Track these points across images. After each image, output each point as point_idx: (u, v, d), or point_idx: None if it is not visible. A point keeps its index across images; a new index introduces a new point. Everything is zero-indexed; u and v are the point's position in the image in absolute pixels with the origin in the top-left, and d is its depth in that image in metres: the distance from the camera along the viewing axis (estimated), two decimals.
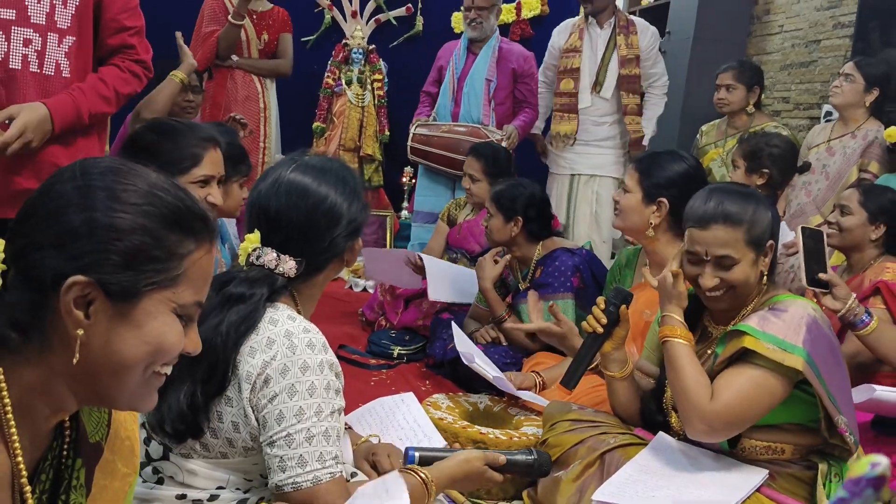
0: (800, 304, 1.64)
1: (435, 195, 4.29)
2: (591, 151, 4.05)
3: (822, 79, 4.51)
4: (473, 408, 2.21)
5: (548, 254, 2.83)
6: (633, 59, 3.94)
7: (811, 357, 1.55)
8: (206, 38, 3.93)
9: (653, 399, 1.85)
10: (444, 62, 4.35)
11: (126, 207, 0.82)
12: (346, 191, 1.39)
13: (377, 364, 3.02)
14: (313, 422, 1.21)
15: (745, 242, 1.65)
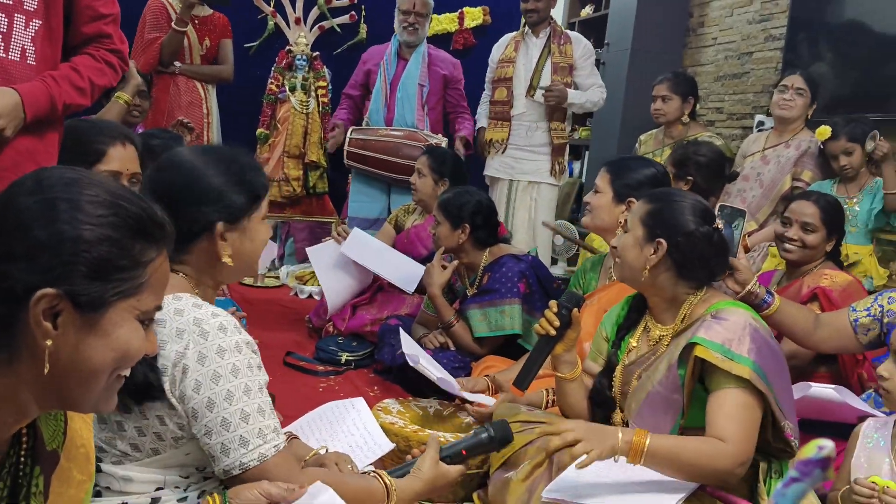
0: (740, 312, 1.69)
1: (370, 200, 4.32)
2: (527, 157, 4.12)
3: (755, 90, 4.68)
4: (424, 412, 2.23)
5: (495, 260, 2.87)
6: (566, 67, 4.03)
7: (758, 366, 1.60)
8: (148, 45, 3.90)
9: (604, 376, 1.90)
10: (371, 66, 4.38)
11: (91, 219, 0.82)
12: (226, 171, 1.37)
13: (325, 370, 3.01)
14: (245, 401, 1.22)
15: (644, 224, 1.79)
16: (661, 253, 1.75)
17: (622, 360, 1.88)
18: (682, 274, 1.77)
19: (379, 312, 3.29)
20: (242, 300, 3.89)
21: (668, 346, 1.77)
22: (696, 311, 1.76)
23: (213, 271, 1.37)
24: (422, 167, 3.45)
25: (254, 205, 1.38)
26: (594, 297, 2.40)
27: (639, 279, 1.80)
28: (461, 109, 4.41)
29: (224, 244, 1.34)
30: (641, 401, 1.78)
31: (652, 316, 1.86)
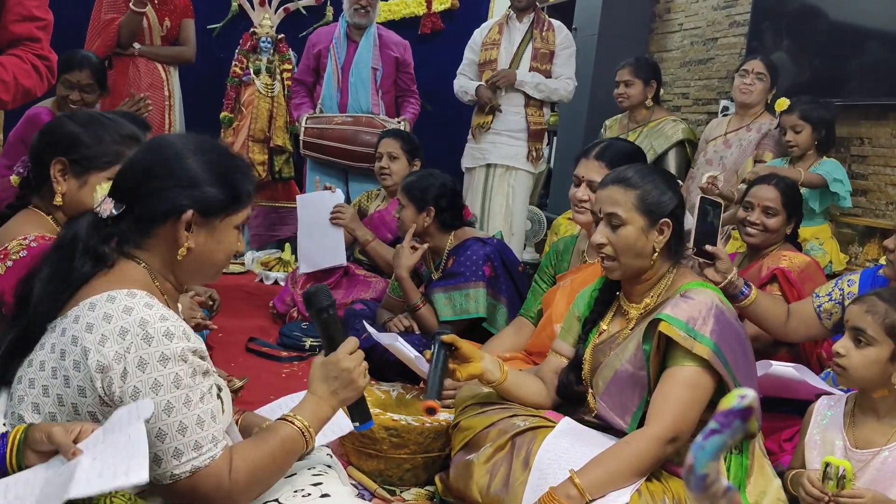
0: (708, 293, 1.71)
1: None
2: (504, 141, 4.11)
3: (719, 75, 4.71)
4: (386, 396, 2.22)
5: (460, 243, 2.86)
6: (547, 54, 4.03)
7: (719, 347, 1.62)
8: (106, 26, 3.80)
9: (571, 371, 1.90)
10: (321, 49, 4.32)
11: None
12: (211, 162, 1.31)
13: (288, 356, 2.99)
14: (184, 413, 1.18)
15: (636, 207, 1.75)
16: (667, 234, 1.77)
17: (593, 340, 1.88)
18: (673, 251, 1.80)
19: (344, 297, 3.27)
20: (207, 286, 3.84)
21: (639, 324, 1.79)
22: (670, 290, 1.78)
23: (173, 265, 1.31)
24: (394, 150, 3.43)
25: (232, 206, 1.32)
26: (566, 279, 2.41)
27: (643, 266, 1.79)
28: (409, 94, 4.40)
29: (187, 235, 1.28)
30: (609, 378, 1.79)
31: (626, 297, 1.87)
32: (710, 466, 0.55)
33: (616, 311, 1.89)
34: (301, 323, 3.25)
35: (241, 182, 1.33)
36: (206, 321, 2.44)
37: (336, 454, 1.91)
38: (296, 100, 4.44)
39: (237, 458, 1.23)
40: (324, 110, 4.29)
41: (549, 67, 4.05)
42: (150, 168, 1.28)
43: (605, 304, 1.92)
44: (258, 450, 1.26)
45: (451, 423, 1.94)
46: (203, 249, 1.31)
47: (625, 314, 1.86)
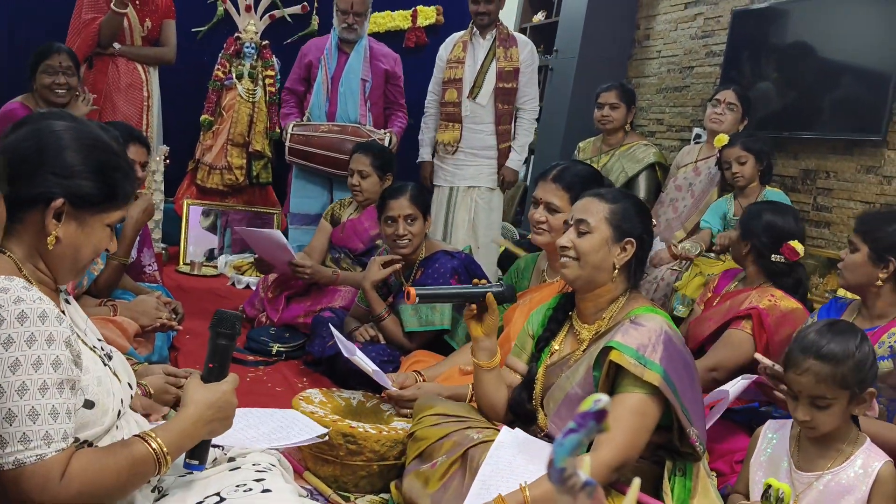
0: (657, 319, 1.74)
1: (311, 197, 4.32)
2: (469, 162, 4.16)
3: (694, 103, 4.81)
4: (346, 403, 2.24)
5: (429, 256, 2.90)
6: (512, 71, 4.08)
7: (667, 374, 1.65)
8: (86, 26, 3.80)
9: (524, 389, 1.93)
10: (312, 59, 4.37)
11: None
12: (91, 155, 1.27)
13: (255, 360, 3.00)
14: (14, 401, 1.12)
15: (605, 219, 1.81)
16: (630, 252, 1.81)
17: (545, 361, 1.92)
18: (632, 274, 1.84)
19: (313, 305, 3.29)
20: (178, 288, 3.85)
21: (590, 347, 1.82)
22: (621, 314, 1.81)
23: (40, 255, 1.27)
24: (364, 168, 3.44)
25: (106, 203, 1.29)
26: (526, 297, 2.44)
27: (600, 279, 1.82)
28: (397, 107, 4.46)
29: (55, 224, 1.24)
30: (559, 401, 1.82)
31: (578, 317, 1.91)
32: (568, 462, 0.60)
33: (568, 330, 1.93)
34: (269, 328, 3.26)
35: (121, 182, 1.30)
36: (172, 322, 2.45)
37: (292, 458, 1.94)
38: (284, 109, 4.47)
39: (76, 464, 1.16)
40: (311, 119, 4.32)
41: (514, 85, 4.10)
42: (28, 152, 1.24)
43: (559, 323, 1.96)
44: (102, 463, 1.19)
45: (407, 433, 1.97)
46: (71, 241, 1.27)
47: (577, 335, 1.88)
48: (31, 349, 1.14)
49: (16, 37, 4.56)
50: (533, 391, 1.91)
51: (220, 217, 4.81)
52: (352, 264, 3.50)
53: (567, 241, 1.84)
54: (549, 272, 2.50)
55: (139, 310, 2.34)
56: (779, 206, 2.72)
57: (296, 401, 2.13)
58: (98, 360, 1.30)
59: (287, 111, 4.45)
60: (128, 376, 1.39)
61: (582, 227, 1.83)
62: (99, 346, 1.36)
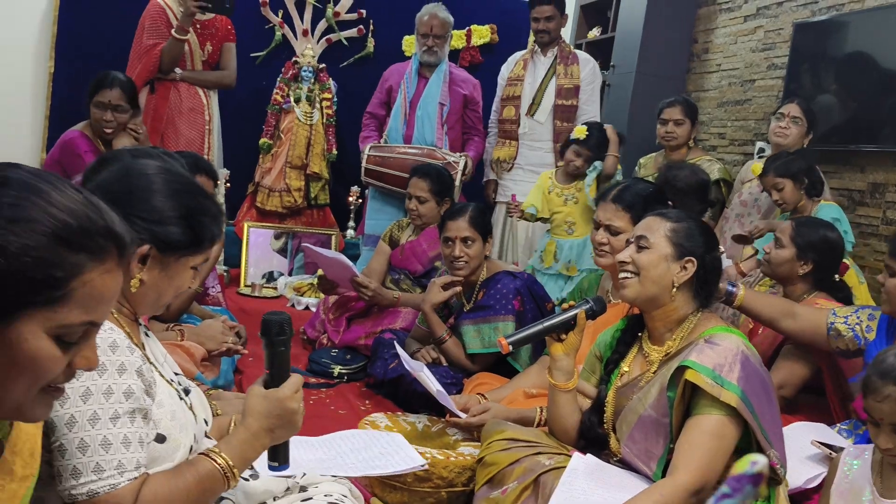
0: (733, 338, 1.70)
1: (386, 218, 4.32)
2: (527, 179, 4.13)
3: (756, 116, 4.70)
4: (412, 427, 2.22)
5: (490, 276, 2.88)
6: (572, 88, 4.05)
7: (745, 395, 1.61)
8: (147, 51, 3.86)
9: (594, 413, 1.89)
10: (392, 83, 4.41)
11: (17, 227, 0.77)
12: (180, 201, 1.28)
13: (317, 383, 3.00)
14: (87, 430, 1.12)
15: (665, 237, 1.79)
16: (690, 271, 1.78)
17: (614, 383, 1.88)
18: (697, 293, 1.80)
19: (373, 326, 3.29)
20: (240, 311, 3.89)
21: (661, 368, 1.78)
22: (693, 334, 1.77)
23: (125, 293, 1.27)
24: (421, 193, 3.43)
25: (192, 248, 1.29)
26: None
27: (661, 296, 1.79)
28: (475, 132, 4.44)
29: (140, 267, 1.25)
30: (633, 424, 1.78)
31: (648, 338, 1.87)
32: None
33: (638, 352, 1.89)
34: (330, 350, 3.27)
35: (207, 227, 1.31)
36: (238, 346, 2.47)
37: (360, 484, 1.92)
38: (364, 132, 4.50)
39: (147, 490, 1.17)
40: (389, 141, 4.35)
41: (574, 102, 4.07)
42: (118, 194, 1.23)
43: (627, 345, 1.92)
44: (172, 485, 1.19)
45: (476, 458, 1.94)
46: (154, 284, 1.27)
47: (646, 356, 1.84)
48: (102, 378, 1.14)
49: (80, 61, 4.71)
50: (604, 415, 1.87)
51: (291, 241, 4.86)
52: (412, 286, 3.49)
53: (626, 256, 1.83)
54: (613, 293, 2.45)
55: (206, 335, 2.36)
56: (824, 221, 2.67)
57: (361, 425, 2.12)
58: (174, 393, 1.30)
59: (366, 134, 4.48)
60: (204, 412, 1.38)
61: (642, 242, 1.81)
62: (176, 380, 1.36)
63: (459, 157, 4.18)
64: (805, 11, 4.41)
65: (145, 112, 3.92)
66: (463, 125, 4.43)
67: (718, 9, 5.15)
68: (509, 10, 5.60)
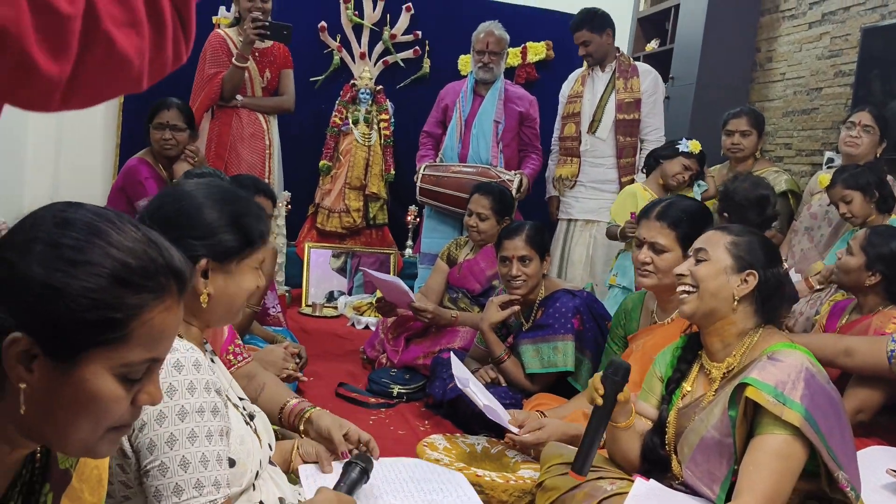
0: (797, 355, 1.63)
1: (442, 237, 4.32)
2: (588, 195, 4.08)
3: (824, 125, 4.55)
4: (471, 449, 2.20)
5: (549, 295, 2.84)
6: (633, 102, 3.98)
7: (810, 413, 1.54)
8: (209, 80, 3.96)
9: (655, 434, 1.84)
10: (448, 102, 4.43)
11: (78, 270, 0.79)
12: (223, 209, 1.33)
13: (376, 403, 3.01)
14: (188, 448, 1.15)
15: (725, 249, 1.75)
16: (751, 285, 1.73)
17: (676, 403, 1.82)
18: (759, 309, 1.75)
19: (432, 345, 3.28)
20: (301, 330, 3.94)
21: (723, 387, 1.72)
22: (755, 351, 1.71)
23: (195, 309, 1.32)
24: (483, 210, 3.43)
25: (246, 249, 1.35)
26: (637, 342, 2.35)
27: (720, 310, 1.74)
28: (532, 148, 4.40)
29: (204, 282, 1.30)
30: (694, 445, 1.72)
31: (708, 355, 1.81)
32: None
33: (699, 371, 1.83)
34: (390, 370, 3.27)
35: (254, 225, 1.37)
36: (298, 373, 2.49)
37: None
38: (421, 151, 4.53)
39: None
40: (444, 160, 4.37)
41: (636, 116, 3.99)
42: (166, 219, 1.29)
43: (688, 363, 1.86)
44: None
45: (535, 482, 1.90)
46: (223, 293, 1.33)
47: (707, 374, 1.79)
48: (194, 397, 1.18)
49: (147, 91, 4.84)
50: (665, 436, 1.81)
51: (350, 261, 4.91)
52: (469, 304, 3.48)
53: (685, 269, 1.79)
54: (658, 313, 2.38)
55: (268, 360, 2.39)
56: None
57: (420, 447, 2.11)
58: (241, 418, 1.32)
59: (423, 153, 4.51)
60: (268, 437, 1.40)
61: (700, 254, 1.78)
62: (241, 404, 1.38)
63: (514, 175, 4.16)
64: (874, 15, 4.26)
65: (208, 138, 4.02)
66: (519, 142, 4.40)
67: (781, 16, 5.02)
68: (565, 26, 5.57)
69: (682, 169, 3.53)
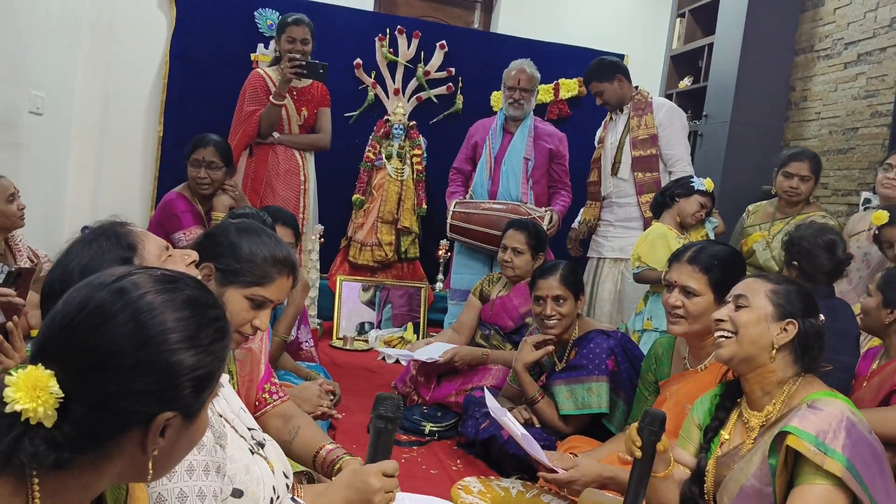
0: (837, 404, 1.62)
1: (472, 273, 4.32)
2: (616, 234, 4.07)
3: (860, 166, 4.51)
4: (506, 493, 2.18)
5: (583, 335, 2.82)
6: (648, 138, 3.96)
7: (852, 463, 1.52)
8: (248, 117, 4.04)
9: (694, 483, 1.82)
10: (478, 139, 4.45)
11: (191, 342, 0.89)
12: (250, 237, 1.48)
13: (408, 440, 3.00)
14: (164, 484, 1.15)
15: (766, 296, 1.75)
16: (791, 334, 1.72)
17: (715, 452, 1.80)
18: (798, 358, 1.73)
19: (464, 383, 3.27)
20: (332, 364, 3.95)
21: (763, 435, 1.70)
22: (795, 399, 1.70)
23: None
24: (518, 245, 3.44)
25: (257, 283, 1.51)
26: (671, 389, 2.32)
27: (758, 357, 1.73)
28: (561, 185, 4.42)
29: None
30: (734, 494, 1.70)
31: (748, 403, 1.79)
32: None
33: (737, 419, 1.81)
34: (421, 407, 3.26)
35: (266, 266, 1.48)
36: (332, 411, 2.50)
37: None
38: (451, 187, 4.56)
39: None
40: (474, 197, 4.40)
41: (653, 151, 3.95)
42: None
43: (727, 411, 1.84)
44: None
45: None
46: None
47: (746, 422, 1.78)
48: None
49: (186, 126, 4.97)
50: (704, 485, 1.79)
51: (380, 294, 4.93)
52: (502, 341, 3.47)
53: (724, 315, 1.78)
54: (690, 360, 2.34)
55: (303, 396, 2.40)
56: None
57: (455, 491, 2.10)
58: (245, 448, 1.32)
59: (453, 189, 4.54)
60: (283, 465, 1.40)
61: (741, 301, 1.77)
62: (249, 434, 1.38)
63: (545, 212, 4.17)
64: None
65: (245, 174, 4.09)
66: (549, 179, 4.42)
67: (816, 56, 5.01)
68: None
69: (700, 207, 3.53)
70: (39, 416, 0.80)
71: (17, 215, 2.93)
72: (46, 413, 0.80)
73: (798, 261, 2.91)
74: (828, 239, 2.94)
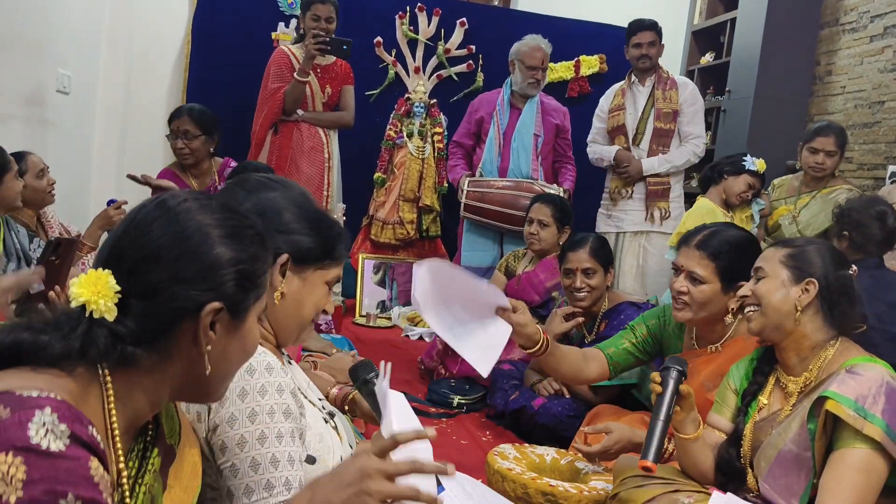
0: (878, 369, 1.61)
1: (483, 250, 4.35)
2: (636, 207, 4.06)
3: (887, 139, 4.47)
4: (541, 460, 2.20)
5: (613, 307, 2.83)
6: (671, 113, 3.97)
7: (891, 428, 1.52)
8: (272, 94, 4.05)
9: (731, 446, 1.82)
10: (483, 114, 4.44)
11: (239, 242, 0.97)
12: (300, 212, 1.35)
13: (437, 413, 3.03)
14: (257, 449, 1.17)
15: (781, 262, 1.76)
16: (812, 293, 1.72)
17: (752, 416, 1.81)
18: (828, 317, 1.73)
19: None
20: (356, 340, 3.97)
21: (801, 401, 1.70)
22: (833, 364, 1.69)
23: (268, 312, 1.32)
24: (544, 217, 3.45)
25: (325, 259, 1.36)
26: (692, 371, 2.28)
27: (785, 323, 1.74)
28: (566, 159, 4.44)
29: (280, 279, 1.30)
30: (772, 459, 1.71)
31: (784, 370, 1.80)
32: None
33: (775, 384, 1.82)
34: (449, 380, 3.29)
35: (335, 240, 1.37)
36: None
37: None
38: (451, 161, 4.58)
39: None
40: (483, 174, 4.39)
41: (672, 126, 3.98)
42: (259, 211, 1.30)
43: (765, 376, 1.85)
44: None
45: (609, 494, 1.90)
46: (295, 297, 1.32)
47: (784, 388, 1.78)
48: (265, 399, 1.19)
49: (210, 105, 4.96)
50: (741, 448, 1.79)
51: (388, 272, 4.95)
52: None
53: (747, 290, 1.81)
54: (698, 341, 2.27)
55: (336, 367, 2.42)
56: None
57: (491, 456, 2.11)
58: (320, 417, 1.34)
59: (454, 163, 4.55)
60: (349, 436, 1.42)
61: (759, 272, 1.80)
62: (320, 404, 1.40)
63: (557, 189, 4.16)
64: None
65: (269, 151, 4.10)
66: (554, 154, 4.43)
67: (841, 29, 4.95)
68: (618, 40, 5.56)
69: (747, 187, 3.50)
70: (101, 309, 0.88)
71: (46, 190, 2.96)
72: (107, 305, 0.88)
73: (849, 231, 2.88)
74: (879, 209, 2.91)
